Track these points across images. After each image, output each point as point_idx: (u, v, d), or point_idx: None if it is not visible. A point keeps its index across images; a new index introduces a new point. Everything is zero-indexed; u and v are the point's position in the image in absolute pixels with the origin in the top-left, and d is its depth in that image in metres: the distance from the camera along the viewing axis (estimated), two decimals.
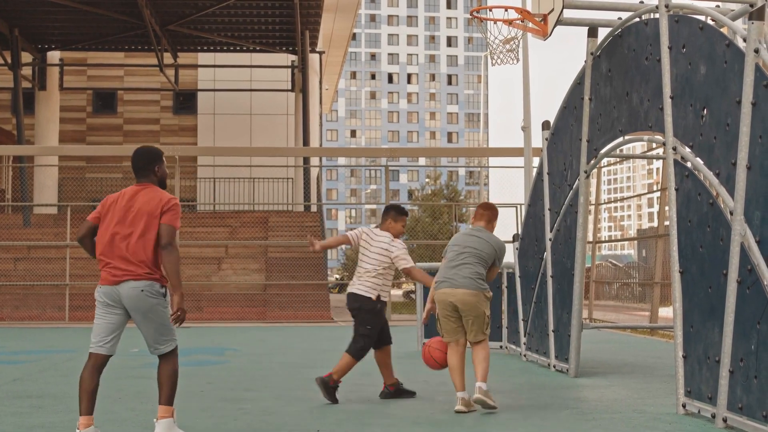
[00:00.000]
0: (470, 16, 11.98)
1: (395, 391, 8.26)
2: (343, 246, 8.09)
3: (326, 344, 14.26)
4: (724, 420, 6.51)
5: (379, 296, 8.09)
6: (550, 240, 10.74)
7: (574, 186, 10.16)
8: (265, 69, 31.48)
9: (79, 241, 6.19)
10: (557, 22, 9.73)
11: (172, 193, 22.50)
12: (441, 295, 7.60)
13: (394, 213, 8.39)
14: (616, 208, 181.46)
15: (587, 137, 9.73)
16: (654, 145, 16.93)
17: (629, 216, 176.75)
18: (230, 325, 19.63)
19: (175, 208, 6.03)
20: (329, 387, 7.83)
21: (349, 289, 8.27)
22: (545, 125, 11.26)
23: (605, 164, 22.12)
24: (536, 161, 15.78)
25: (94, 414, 5.91)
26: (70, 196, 27.61)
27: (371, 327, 8.02)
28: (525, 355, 11.64)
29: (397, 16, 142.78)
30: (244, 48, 30.00)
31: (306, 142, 27.29)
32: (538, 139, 16.29)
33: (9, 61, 26.52)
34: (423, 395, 8.33)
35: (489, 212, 8.04)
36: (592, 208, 19.01)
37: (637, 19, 8.63)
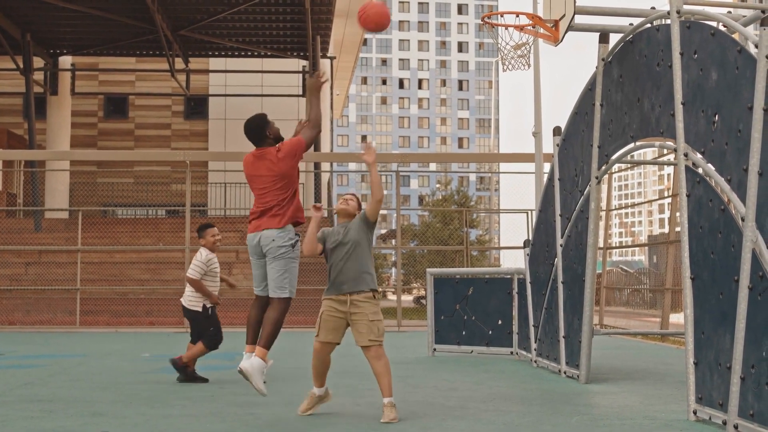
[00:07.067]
0: (481, 22, 11.94)
1: (190, 374, 9.88)
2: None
3: (338, 349, 14.20)
4: (735, 427, 6.48)
5: (203, 305, 10.63)
6: (560, 246, 10.73)
7: (585, 192, 10.14)
8: (276, 74, 31.62)
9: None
10: (568, 28, 9.74)
11: (182, 198, 22.55)
12: None
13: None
14: (626, 214, 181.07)
15: (598, 143, 9.72)
16: (665, 151, 16.92)
17: (640, 222, 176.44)
18: (241, 330, 19.53)
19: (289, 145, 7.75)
20: (185, 370, 9.84)
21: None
22: (556, 131, 11.25)
23: (616, 170, 22.08)
24: (547, 167, 15.80)
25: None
26: (81, 201, 27.72)
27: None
28: (535, 361, 11.63)
29: (408, 21, 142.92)
30: (255, 53, 30.09)
31: (317, 148, 27.33)
32: (549, 145, 16.30)
33: (21, 65, 26.65)
34: (433, 399, 8.32)
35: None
36: (603, 214, 18.99)
37: (649, 25, 8.62)
